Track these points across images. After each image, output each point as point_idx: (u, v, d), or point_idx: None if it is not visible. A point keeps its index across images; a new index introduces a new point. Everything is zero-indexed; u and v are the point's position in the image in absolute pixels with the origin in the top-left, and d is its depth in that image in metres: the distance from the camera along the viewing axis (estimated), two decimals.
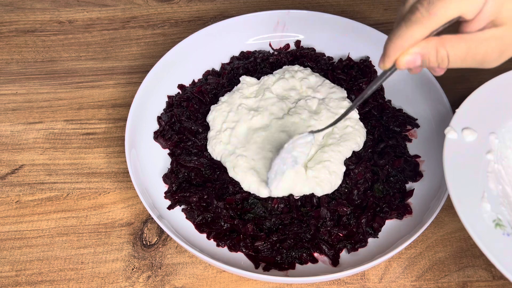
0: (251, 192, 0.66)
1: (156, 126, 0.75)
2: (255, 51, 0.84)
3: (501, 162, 0.57)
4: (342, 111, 0.72)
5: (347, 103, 0.73)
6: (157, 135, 0.74)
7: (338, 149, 0.68)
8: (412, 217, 0.65)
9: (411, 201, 0.67)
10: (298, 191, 0.65)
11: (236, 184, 0.67)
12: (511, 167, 0.58)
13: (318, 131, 0.63)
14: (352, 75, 0.79)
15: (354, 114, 0.72)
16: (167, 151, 0.73)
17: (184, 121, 0.74)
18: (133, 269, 0.66)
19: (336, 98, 0.74)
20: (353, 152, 0.69)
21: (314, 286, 0.64)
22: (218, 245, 0.64)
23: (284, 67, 0.78)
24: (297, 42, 0.85)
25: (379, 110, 0.75)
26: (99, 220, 0.70)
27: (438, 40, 0.47)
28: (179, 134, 0.73)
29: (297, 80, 0.76)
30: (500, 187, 0.55)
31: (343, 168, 0.67)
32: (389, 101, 0.77)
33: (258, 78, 0.77)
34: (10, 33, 0.94)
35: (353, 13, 0.94)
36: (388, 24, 0.93)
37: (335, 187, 0.66)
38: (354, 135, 0.70)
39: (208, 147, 0.71)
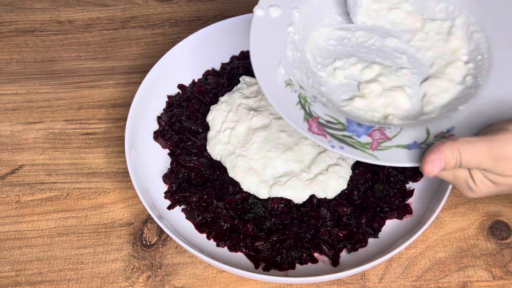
0: (251, 193, 0.66)
1: (156, 126, 0.75)
2: None
3: (300, 32, 0.63)
4: None
5: None
6: (157, 135, 0.74)
7: None
8: (412, 217, 0.65)
9: (411, 201, 0.67)
10: (301, 196, 0.65)
11: (236, 184, 0.67)
12: (312, 36, 0.65)
13: None
14: None
15: None
16: (167, 151, 0.73)
17: (184, 121, 0.74)
18: (133, 269, 0.66)
19: None
20: None
21: (314, 286, 0.64)
22: (218, 245, 0.64)
23: None
24: None
25: None
26: (99, 220, 0.70)
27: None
28: (179, 134, 0.73)
29: None
30: (299, 54, 0.61)
31: (350, 172, 0.67)
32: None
33: None
34: (10, 33, 0.94)
35: None
36: None
37: (338, 192, 0.66)
38: None
39: (208, 147, 0.71)
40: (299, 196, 0.65)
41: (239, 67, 0.81)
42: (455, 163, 0.47)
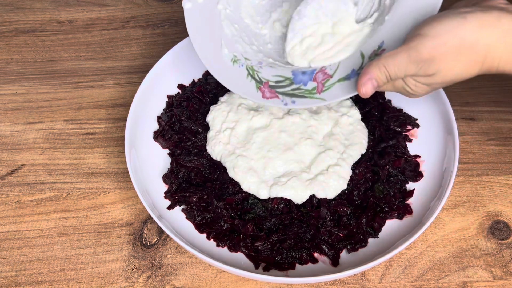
0: (251, 193, 0.66)
1: (156, 126, 0.75)
2: None
3: (230, 4, 0.65)
4: (344, 110, 0.72)
5: (348, 102, 0.73)
6: (157, 135, 0.74)
7: (349, 153, 0.68)
8: (412, 217, 0.65)
9: (411, 201, 0.67)
10: (301, 196, 0.65)
11: (236, 184, 0.67)
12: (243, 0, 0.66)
13: None
14: None
15: (357, 114, 0.72)
16: (167, 151, 0.73)
17: (184, 121, 0.74)
18: (133, 269, 0.66)
19: None
20: None
21: (314, 286, 0.64)
22: (218, 245, 0.64)
23: None
24: None
25: (380, 110, 0.75)
26: (99, 220, 0.70)
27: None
28: (179, 134, 0.73)
29: None
30: (236, 25, 0.64)
31: (350, 172, 0.67)
32: (389, 101, 0.77)
33: None
34: (10, 33, 0.94)
35: None
36: None
37: (339, 192, 0.66)
38: (359, 137, 0.70)
39: (208, 147, 0.71)
40: (299, 196, 0.65)
41: None
42: (385, 78, 0.52)
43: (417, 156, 0.71)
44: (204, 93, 0.77)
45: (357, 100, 0.76)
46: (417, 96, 0.55)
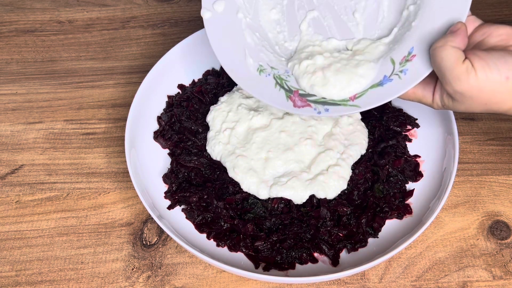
0: (251, 193, 0.66)
1: (156, 126, 0.75)
2: None
3: (250, 12, 0.64)
4: None
5: None
6: (157, 135, 0.74)
7: (349, 153, 0.68)
8: (412, 217, 0.65)
9: (411, 201, 0.67)
10: (301, 196, 0.65)
11: (236, 184, 0.67)
12: (259, 9, 0.66)
13: None
14: None
15: (357, 114, 0.72)
16: (167, 151, 0.73)
17: (184, 121, 0.74)
18: (133, 269, 0.66)
19: None
20: None
21: (314, 286, 0.64)
22: (218, 245, 0.64)
23: None
24: None
25: (379, 110, 0.75)
26: (99, 220, 0.70)
27: None
28: (179, 134, 0.73)
29: None
30: (257, 34, 0.63)
31: (350, 172, 0.67)
32: (389, 101, 0.77)
33: None
34: (10, 33, 0.94)
35: None
36: None
37: (339, 192, 0.66)
38: (359, 138, 0.70)
39: (207, 147, 0.71)
40: (299, 196, 0.65)
41: None
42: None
43: (417, 156, 0.71)
44: (204, 93, 0.77)
45: None
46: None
